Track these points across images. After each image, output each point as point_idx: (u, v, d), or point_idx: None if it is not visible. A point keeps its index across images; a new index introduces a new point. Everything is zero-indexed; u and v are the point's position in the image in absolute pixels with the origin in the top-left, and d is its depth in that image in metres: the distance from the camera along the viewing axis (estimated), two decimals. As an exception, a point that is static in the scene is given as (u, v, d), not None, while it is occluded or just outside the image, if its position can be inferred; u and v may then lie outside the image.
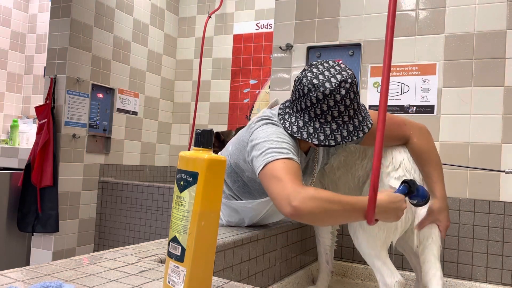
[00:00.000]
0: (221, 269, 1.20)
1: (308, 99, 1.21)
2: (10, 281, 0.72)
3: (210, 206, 0.70)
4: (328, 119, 1.21)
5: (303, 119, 1.24)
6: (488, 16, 1.78)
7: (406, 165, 1.41)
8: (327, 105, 1.19)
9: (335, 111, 1.20)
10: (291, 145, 1.23)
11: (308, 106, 1.22)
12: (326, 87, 1.19)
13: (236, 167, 1.40)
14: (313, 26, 2.10)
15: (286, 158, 1.16)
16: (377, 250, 1.37)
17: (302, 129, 1.24)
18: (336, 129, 1.21)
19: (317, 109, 1.21)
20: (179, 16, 4.22)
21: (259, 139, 1.24)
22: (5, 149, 3.44)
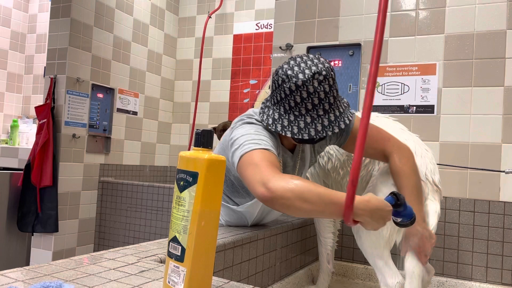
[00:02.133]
0: (221, 269, 1.20)
1: (282, 91, 1.22)
2: (10, 281, 0.72)
3: (210, 206, 0.70)
4: (302, 112, 1.20)
5: (279, 112, 1.24)
6: (488, 16, 1.78)
7: None
8: (300, 96, 1.19)
9: (309, 104, 1.20)
10: (270, 140, 1.22)
11: (283, 97, 1.22)
12: (299, 78, 1.19)
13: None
14: (313, 26, 2.10)
15: (263, 148, 1.15)
16: (379, 250, 1.37)
17: (277, 121, 1.23)
18: (310, 123, 1.20)
19: (291, 101, 1.21)
20: (179, 16, 4.22)
21: (238, 135, 1.23)
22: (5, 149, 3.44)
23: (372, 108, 1.97)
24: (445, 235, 1.78)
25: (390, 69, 1.94)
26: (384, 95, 1.95)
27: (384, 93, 1.95)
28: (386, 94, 1.95)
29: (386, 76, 1.95)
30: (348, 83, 2.02)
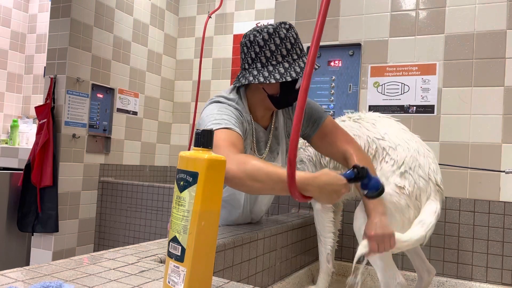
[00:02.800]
0: (221, 269, 1.20)
1: (256, 44, 1.30)
2: (10, 281, 0.72)
3: (210, 206, 0.70)
4: (279, 59, 1.29)
5: (256, 68, 1.31)
6: (488, 16, 1.78)
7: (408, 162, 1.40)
8: (274, 43, 1.28)
9: (283, 49, 1.28)
10: (233, 117, 1.27)
11: (257, 52, 1.30)
12: (269, 28, 1.30)
13: None
14: (313, 26, 2.10)
15: (224, 128, 1.21)
16: None
17: (258, 76, 1.29)
18: (288, 67, 1.28)
19: (266, 52, 1.29)
20: (179, 16, 4.22)
21: (203, 117, 1.29)
22: (5, 149, 3.44)
23: (370, 108, 1.97)
24: (445, 235, 1.78)
25: (390, 69, 1.94)
26: (384, 95, 1.95)
27: (384, 93, 1.95)
28: (386, 94, 1.95)
29: (386, 76, 1.95)
30: (348, 83, 2.02)
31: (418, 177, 1.39)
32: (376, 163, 1.48)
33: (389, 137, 1.46)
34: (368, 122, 1.54)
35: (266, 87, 1.35)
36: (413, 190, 1.38)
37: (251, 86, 1.41)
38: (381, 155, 1.46)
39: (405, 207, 1.38)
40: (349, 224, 1.94)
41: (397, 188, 1.38)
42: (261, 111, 1.42)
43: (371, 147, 1.49)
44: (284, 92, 1.34)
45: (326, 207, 1.63)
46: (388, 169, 1.42)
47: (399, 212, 1.38)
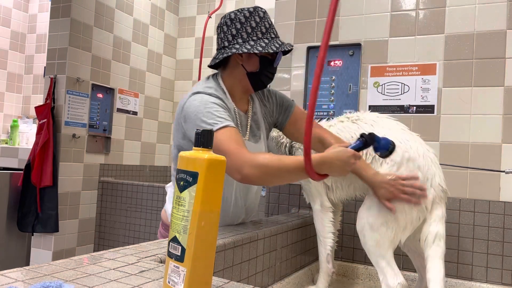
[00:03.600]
0: (221, 269, 1.20)
1: (238, 21, 1.38)
2: (10, 281, 0.72)
3: (210, 206, 0.70)
4: (259, 36, 1.38)
5: (238, 43, 1.37)
6: (488, 16, 1.78)
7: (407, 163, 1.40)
8: (255, 21, 1.38)
9: (263, 27, 1.38)
10: (222, 109, 1.30)
11: (239, 28, 1.37)
12: (249, 8, 1.40)
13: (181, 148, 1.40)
14: (313, 26, 2.10)
15: (223, 127, 1.24)
16: (383, 250, 1.38)
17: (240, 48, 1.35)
18: (268, 43, 1.37)
19: (247, 28, 1.37)
20: (179, 16, 4.22)
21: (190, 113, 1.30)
22: (5, 149, 3.44)
23: (370, 108, 1.97)
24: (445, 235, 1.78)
25: (390, 69, 1.94)
26: (384, 95, 1.95)
27: (384, 93, 1.95)
28: (386, 94, 1.95)
29: (386, 76, 1.95)
30: (348, 83, 2.02)
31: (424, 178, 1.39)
32: (376, 164, 1.48)
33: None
34: (366, 123, 1.53)
35: (246, 63, 1.40)
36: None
37: (228, 68, 1.44)
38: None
39: (407, 208, 1.38)
40: (349, 224, 1.94)
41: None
42: (239, 93, 1.46)
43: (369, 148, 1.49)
44: (263, 69, 1.40)
45: (325, 207, 1.63)
46: (388, 171, 1.42)
47: (401, 213, 1.38)
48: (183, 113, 1.34)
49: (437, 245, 1.37)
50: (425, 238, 1.39)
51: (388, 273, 1.36)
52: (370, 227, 1.40)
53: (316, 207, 1.65)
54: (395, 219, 1.38)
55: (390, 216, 1.38)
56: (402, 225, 1.38)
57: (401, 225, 1.38)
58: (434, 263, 1.35)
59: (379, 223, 1.39)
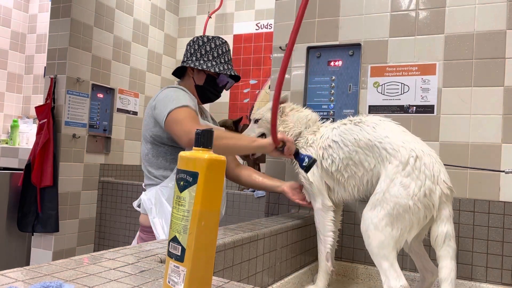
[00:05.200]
0: (221, 269, 1.20)
1: (196, 44, 1.72)
2: (10, 281, 0.72)
3: (210, 206, 0.70)
4: (210, 58, 1.70)
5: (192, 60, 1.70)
6: (488, 16, 1.78)
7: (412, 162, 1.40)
8: (210, 46, 1.71)
9: (215, 52, 1.71)
10: (189, 99, 1.59)
11: (196, 49, 1.72)
12: (208, 36, 1.75)
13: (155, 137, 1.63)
14: (313, 26, 2.10)
15: (183, 105, 1.51)
16: (387, 251, 1.36)
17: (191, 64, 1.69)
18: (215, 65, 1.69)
19: (202, 50, 1.71)
20: (179, 16, 4.22)
21: (160, 100, 1.58)
22: (5, 149, 3.44)
23: (370, 108, 1.97)
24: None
25: (390, 69, 1.94)
26: (384, 95, 1.95)
27: (384, 93, 1.95)
28: (386, 94, 1.95)
29: (386, 76, 1.95)
30: (348, 83, 2.02)
31: (425, 177, 1.38)
32: (381, 165, 1.47)
33: (390, 140, 1.46)
34: (368, 126, 1.53)
35: (195, 76, 1.73)
36: (420, 189, 1.37)
37: (184, 78, 1.77)
38: (384, 158, 1.45)
39: (413, 207, 1.37)
40: (349, 224, 1.94)
41: (402, 189, 1.38)
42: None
43: (373, 151, 1.48)
44: (207, 85, 1.72)
45: (326, 206, 1.63)
46: (393, 171, 1.41)
47: (407, 213, 1.37)
48: (154, 101, 1.60)
49: (448, 245, 1.38)
50: (435, 239, 1.39)
51: (391, 275, 1.35)
52: (375, 228, 1.39)
53: (317, 205, 1.64)
54: (401, 218, 1.37)
55: (396, 216, 1.37)
56: (408, 225, 1.37)
57: (407, 225, 1.37)
58: (446, 263, 1.36)
59: (384, 224, 1.38)
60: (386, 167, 1.44)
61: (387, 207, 1.39)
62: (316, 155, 1.62)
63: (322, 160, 1.61)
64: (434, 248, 1.40)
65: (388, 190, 1.40)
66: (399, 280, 1.34)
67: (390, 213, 1.38)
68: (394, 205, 1.37)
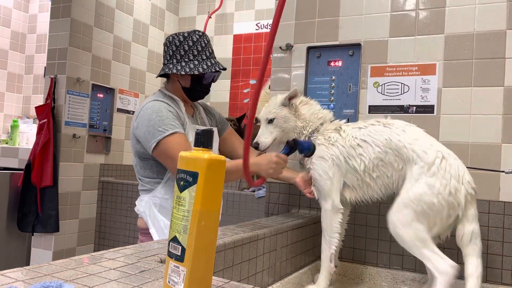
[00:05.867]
0: (221, 269, 1.20)
1: (174, 44, 1.61)
2: (10, 281, 0.72)
3: (210, 206, 0.70)
4: (191, 58, 1.59)
5: (173, 63, 1.61)
6: (488, 16, 1.78)
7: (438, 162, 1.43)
8: (188, 45, 1.60)
9: (195, 50, 1.60)
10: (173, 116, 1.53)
11: (174, 50, 1.61)
12: (184, 33, 1.62)
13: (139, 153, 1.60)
14: (313, 26, 2.10)
15: (170, 134, 1.46)
16: (422, 240, 1.40)
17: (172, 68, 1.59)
18: (198, 64, 1.59)
19: (181, 50, 1.60)
20: (179, 16, 4.22)
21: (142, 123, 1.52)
22: (5, 149, 3.44)
23: (370, 108, 1.97)
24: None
25: (390, 69, 1.94)
26: (384, 95, 1.95)
27: (384, 93, 1.95)
28: (386, 94, 1.95)
29: (386, 76, 1.95)
30: (348, 83, 2.02)
31: (450, 176, 1.42)
32: (407, 167, 1.50)
33: (419, 142, 1.50)
34: (398, 128, 1.56)
35: (180, 79, 1.63)
36: (446, 188, 1.41)
37: (170, 81, 1.69)
38: (411, 160, 1.48)
39: (437, 205, 1.40)
40: (349, 224, 1.94)
41: (427, 187, 1.41)
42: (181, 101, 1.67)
43: (401, 152, 1.51)
44: (194, 85, 1.63)
45: (337, 208, 1.61)
46: (418, 171, 1.45)
47: (431, 210, 1.41)
48: (136, 121, 1.55)
49: (474, 243, 1.43)
50: (461, 237, 1.44)
51: (436, 259, 1.38)
52: (402, 225, 1.42)
53: (327, 206, 1.62)
54: (426, 215, 1.41)
55: (421, 213, 1.41)
56: (432, 222, 1.41)
57: (431, 222, 1.41)
58: (472, 260, 1.41)
59: (410, 219, 1.41)
60: (412, 168, 1.48)
61: (412, 205, 1.42)
62: (341, 153, 1.60)
63: (349, 158, 1.59)
64: (460, 246, 1.45)
65: (412, 189, 1.44)
66: (445, 261, 1.37)
67: (416, 211, 1.41)
68: (419, 203, 1.41)
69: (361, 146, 1.57)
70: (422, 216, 1.41)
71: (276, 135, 1.65)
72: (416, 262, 1.80)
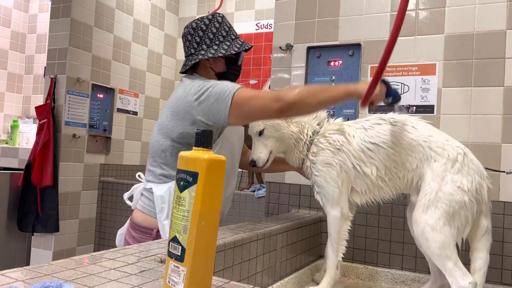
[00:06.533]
0: (221, 269, 1.20)
1: (200, 29, 1.53)
2: (10, 281, 0.72)
3: (210, 206, 0.70)
4: (221, 39, 1.53)
5: (203, 49, 1.51)
6: (488, 16, 1.78)
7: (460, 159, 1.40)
8: (215, 27, 1.53)
9: (223, 31, 1.54)
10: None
11: (201, 35, 1.52)
12: (208, 16, 1.55)
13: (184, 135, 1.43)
14: (313, 26, 2.10)
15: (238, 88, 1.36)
16: (449, 250, 1.34)
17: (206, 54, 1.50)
18: (230, 45, 1.53)
19: (209, 34, 1.52)
20: (179, 16, 4.22)
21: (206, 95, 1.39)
22: (5, 149, 3.44)
23: (370, 108, 1.97)
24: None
25: (390, 69, 1.94)
26: (384, 95, 1.95)
27: (384, 93, 1.95)
28: (386, 94, 1.95)
29: (386, 76, 1.95)
30: (348, 83, 2.02)
31: (473, 172, 1.39)
32: (425, 165, 1.43)
33: (435, 138, 1.44)
34: (407, 125, 1.48)
35: (213, 65, 1.55)
36: (472, 185, 1.37)
37: (198, 71, 1.57)
38: (429, 157, 1.42)
39: (469, 203, 1.36)
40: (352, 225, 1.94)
41: (456, 185, 1.36)
42: None
43: (416, 150, 1.44)
44: (230, 67, 1.56)
45: (346, 215, 1.53)
46: (442, 169, 1.39)
47: (463, 209, 1.36)
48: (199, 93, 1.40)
49: (486, 238, 1.41)
50: (475, 231, 1.41)
51: (458, 274, 1.32)
52: (432, 229, 1.35)
53: (335, 213, 1.52)
54: (458, 216, 1.35)
55: (453, 214, 1.35)
56: (464, 221, 1.36)
57: (463, 221, 1.36)
58: (482, 255, 1.39)
59: (442, 223, 1.34)
60: (431, 166, 1.41)
61: (442, 205, 1.35)
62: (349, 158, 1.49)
63: (358, 164, 1.49)
64: (471, 240, 1.42)
65: (441, 188, 1.36)
66: (467, 278, 1.31)
67: (447, 212, 1.35)
68: (450, 203, 1.35)
69: (371, 149, 1.47)
70: (453, 217, 1.35)
71: (272, 147, 1.50)
72: (416, 262, 1.80)
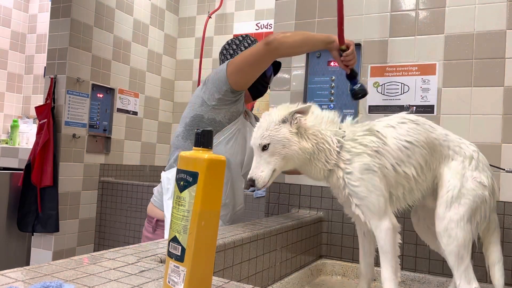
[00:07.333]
0: (221, 269, 1.20)
1: (233, 44, 1.79)
2: (10, 281, 0.72)
3: (210, 206, 0.70)
4: None
5: None
6: (488, 16, 1.78)
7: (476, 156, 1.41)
8: (247, 42, 1.78)
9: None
10: None
11: (234, 48, 1.77)
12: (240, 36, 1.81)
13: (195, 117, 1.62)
14: (313, 26, 2.10)
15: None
16: (466, 251, 1.34)
17: None
18: None
19: (242, 47, 1.76)
20: (179, 16, 4.22)
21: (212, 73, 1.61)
22: (5, 149, 3.44)
23: (370, 108, 1.97)
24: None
25: (390, 69, 1.94)
26: (384, 95, 1.95)
27: (384, 93, 1.95)
28: (386, 94, 1.95)
29: (386, 76, 1.95)
30: (348, 83, 2.02)
31: (487, 168, 1.42)
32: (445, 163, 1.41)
33: (451, 137, 1.45)
34: (425, 124, 1.44)
35: None
36: (489, 180, 1.40)
37: None
38: (446, 156, 1.42)
39: (488, 198, 1.39)
40: (350, 224, 1.94)
41: (476, 181, 1.38)
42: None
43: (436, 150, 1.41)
44: (259, 78, 1.67)
45: (396, 225, 1.36)
46: (460, 166, 1.40)
47: (484, 204, 1.38)
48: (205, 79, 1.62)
49: (497, 231, 1.47)
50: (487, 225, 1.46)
51: (466, 278, 1.35)
52: (457, 226, 1.33)
53: (387, 225, 1.35)
54: (479, 210, 1.37)
55: (475, 209, 1.36)
56: (484, 216, 1.39)
57: (483, 216, 1.39)
58: (497, 247, 1.46)
59: (466, 220, 1.34)
60: (449, 165, 1.41)
61: (466, 201, 1.34)
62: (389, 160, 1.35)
63: (398, 165, 1.36)
64: (483, 236, 1.47)
65: (463, 185, 1.36)
66: (473, 283, 1.34)
67: (471, 207, 1.34)
68: (474, 198, 1.35)
69: (407, 148, 1.36)
70: (476, 212, 1.36)
71: (275, 165, 1.26)
72: (416, 262, 1.80)
